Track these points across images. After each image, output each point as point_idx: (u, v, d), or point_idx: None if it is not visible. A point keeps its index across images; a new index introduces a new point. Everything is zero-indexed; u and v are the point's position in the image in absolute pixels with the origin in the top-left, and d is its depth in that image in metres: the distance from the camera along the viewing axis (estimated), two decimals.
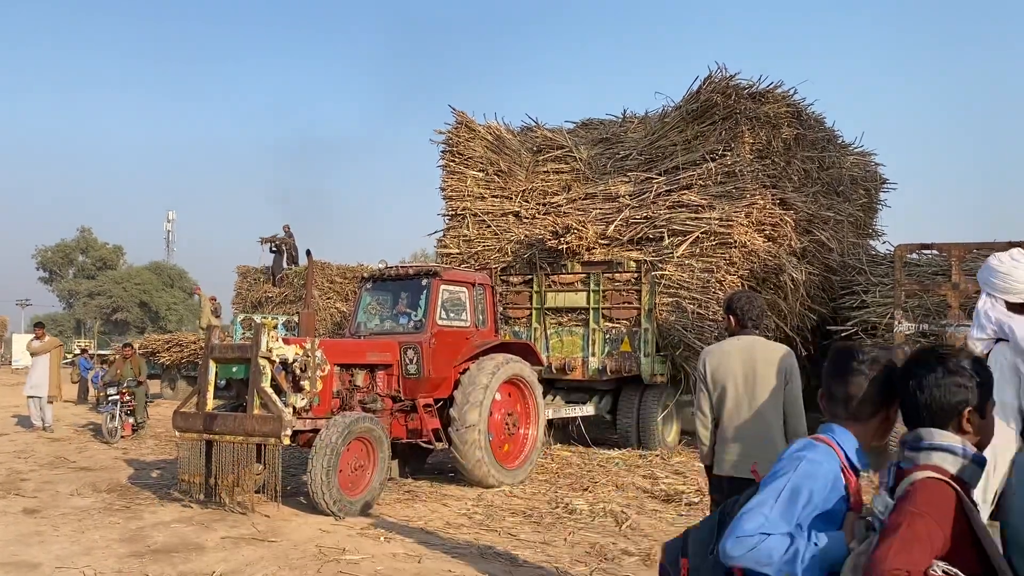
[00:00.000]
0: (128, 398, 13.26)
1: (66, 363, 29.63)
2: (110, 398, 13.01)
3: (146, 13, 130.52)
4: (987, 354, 3.08)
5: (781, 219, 11.54)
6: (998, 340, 3.06)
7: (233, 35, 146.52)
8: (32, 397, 13.79)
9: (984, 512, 2.83)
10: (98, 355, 25.05)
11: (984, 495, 2.89)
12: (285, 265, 21.64)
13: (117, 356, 15.14)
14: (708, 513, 7.01)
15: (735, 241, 11.04)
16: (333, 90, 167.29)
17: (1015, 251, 3.25)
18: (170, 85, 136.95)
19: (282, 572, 5.58)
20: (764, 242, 11.38)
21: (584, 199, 12.70)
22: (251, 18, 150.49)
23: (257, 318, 14.77)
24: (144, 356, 18.25)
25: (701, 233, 11.28)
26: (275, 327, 7.83)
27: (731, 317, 4.06)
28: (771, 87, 12.08)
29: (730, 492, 3.90)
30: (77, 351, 31.25)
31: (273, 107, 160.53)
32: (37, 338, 14.28)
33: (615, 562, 5.88)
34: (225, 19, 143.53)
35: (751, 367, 3.88)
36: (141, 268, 67.53)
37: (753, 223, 11.25)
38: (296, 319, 17.28)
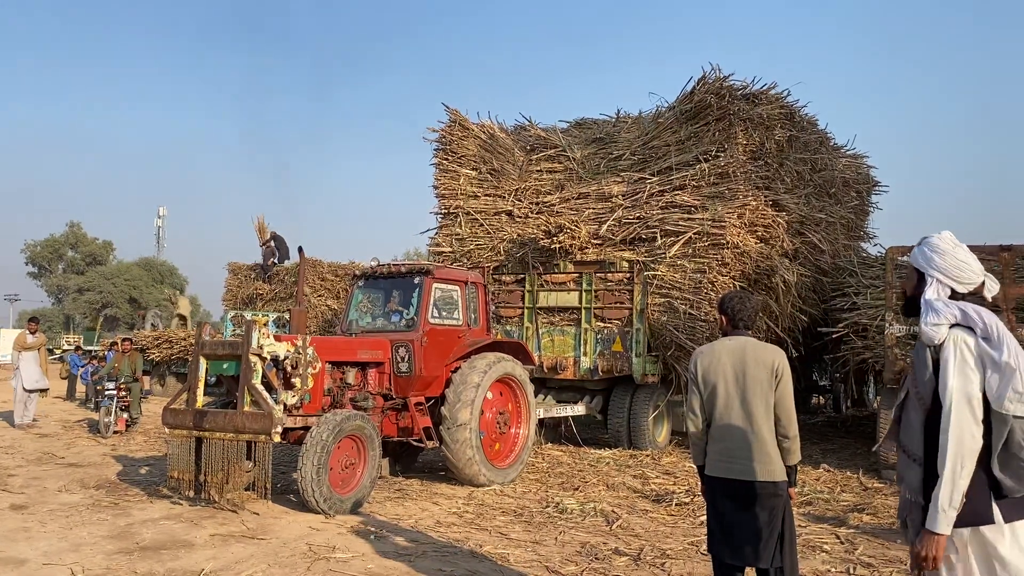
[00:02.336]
0: (124, 393, 13.24)
1: (55, 359, 29.50)
2: (107, 392, 12.99)
3: (137, 9, 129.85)
4: (941, 342, 2.83)
5: (773, 220, 11.57)
6: (952, 325, 2.84)
7: (226, 32, 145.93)
8: (34, 391, 13.71)
9: (951, 517, 2.70)
10: (88, 351, 24.89)
11: (951, 499, 2.69)
12: (276, 262, 21.62)
13: (116, 351, 15.06)
14: (701, 514, 6.98)
15: (727, 242, 11.05)
16: (329, 86, 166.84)
17: (950, 233, 3.02)
18: (160, 80, 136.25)
19: (272, 570, 5.55)
20: (756, 243, 11.40)
21: (577, 199, 12.69)
22: (242, 16, 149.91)
23: (248, 315, 14.72)
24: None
25: (694, 234, 11.30)
26: (265, 324, 7.79)
27: (723, 317, 4.06)
28: (765, 88, 12.10)
29: (723, 493, 3.89)
30: (68, 347, 31.05)
31: (267, 103, 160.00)
32: (32, 333, 14.17)
33: (605, 562, 5.87)
34: (218, 17, 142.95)
35: (741, 368, 3.87)
36: (131, 264, 67.26)
37: (745, 224, 11.27)
38: (287, 316, 17.25)
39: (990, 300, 3.02)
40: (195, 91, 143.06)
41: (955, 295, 2.93)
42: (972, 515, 2.72)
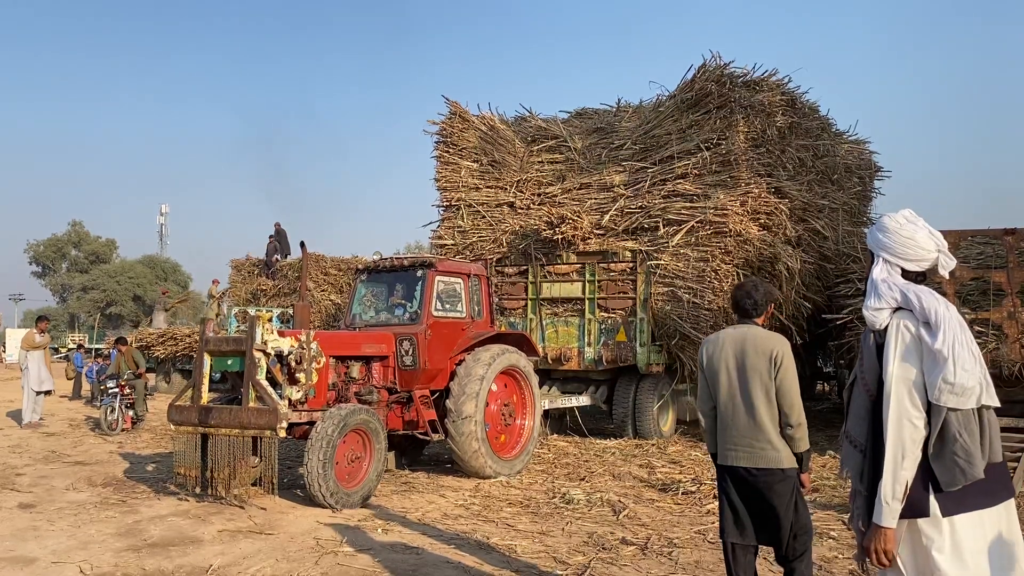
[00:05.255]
0: (128, 391, 13.29)
1: (60, 358, 29.57)
2: (109, 391, 13.05)
3: (138, 7, 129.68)
4: (885, 327, 2.77)
5: (776, 208, 11.54)
6: (896, 309, 2.78)
7: (225, 27, 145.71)
8: (42, 392, 13.78)
9: (896, 510, 2.63)
10: (94, 350, 24.96)
11: (893, 490, 2.62)
12: (278, 257, 21.72)
13: (115, 350, 15.12)
14: (707, 502, 6.97)
15: (730, 230, 11.03)
16: (327, 80, 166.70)
17: (908, 212, 2.93)
18: (161, 77, 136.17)
19: (280, 565, 5.56)
20: (759, 231, 11.37)
21: (579, 189, 12.67)
22: (241, 9, 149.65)
23: (251, 311, 14.74)
24: (138, 349, 18.18)
25: (696, 222, 11.28)
26: (269, 319, 7.78)
27: (735, 307, 4.10)
28: (765, 75, 12.06)
29: (732, 482, 3.90)
30: (72, 346, 31.12)
31: (267, 99, 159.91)
32: (41, 332, 14.19)
33: (613, 551, 5.88)
34: (217, 11, 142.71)
35: (742, 357, 3.89)
36: (134, 262, 67.34)
37: (748, 212, 11.24)
38: (291, 311, 17.28)
39: (946, 277, 2.97)
40: (196, 88, 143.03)
41: (907, 274, 2.87)
42: (908, 507, 2.65)
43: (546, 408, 11.05)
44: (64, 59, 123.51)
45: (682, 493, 7.90)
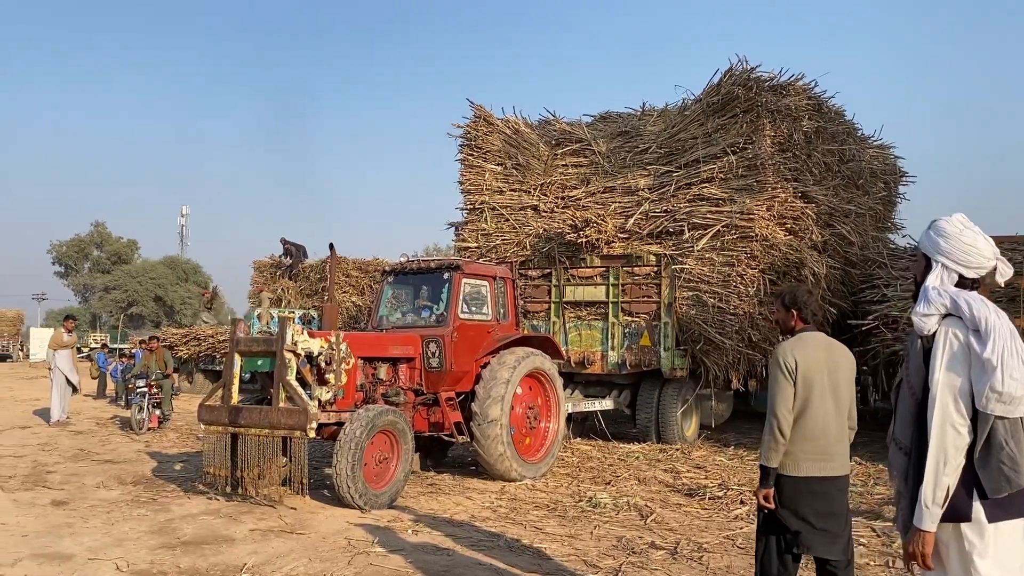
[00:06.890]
0: (156, 390, 13.45)
1: (83, 357, 29.88)
2: (138, 390, 13.20)
3: (157, 8, 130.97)
4: (933, 333, 2.75)
5: (802, 212, 11.47)
6: (946, 316, 2.75)
7: (244, 29, 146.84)
8: (71, 385, 14.00)
9: (935, 514, 2.65)
10: (117, 349, 25.20)
11: (934, 495, 2.63)
12: (302, 259, 21.95)
13: (145, 349, 15.28)
14: (735, 508, 6.93)
15: (756, 235, 10.98)
16: (350, 82, 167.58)
17: (963, 216, 2.86)
18: (181, 79, 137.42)
19: (313, 564, 5.60)
20: (785, 236, 11.31)
21: (603, 193, 12.66)
22: (259, 11, 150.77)
23: (274, 312, 14.84)
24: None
25: (722, 226, 11.23)
26: (292, 321, 7.83)
27: (794, 311, 3.98)
28: (792, 80, 11.97)
29: (816, 492, 3.76)
30: (95, 345, 31.44)
31: (288, 101, 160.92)
32: (69, 331, 14.37)
33: (643, 555, 5.88)
34: (238, 15, 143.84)
35: (834, 363, 3.86)
36: (156, 262, 68.01)
37: (774, 216, 11.19)
38: (312, 312, 17.40)
39: (1002, 285, 2.93)
40: (217, 89, 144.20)
41: (963, 281, 2.83)
42: (951, 511, 2.66)
43: (569, 412, 11.04)
44: (84, 61, 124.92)
45: (709, 498, 7.88)
